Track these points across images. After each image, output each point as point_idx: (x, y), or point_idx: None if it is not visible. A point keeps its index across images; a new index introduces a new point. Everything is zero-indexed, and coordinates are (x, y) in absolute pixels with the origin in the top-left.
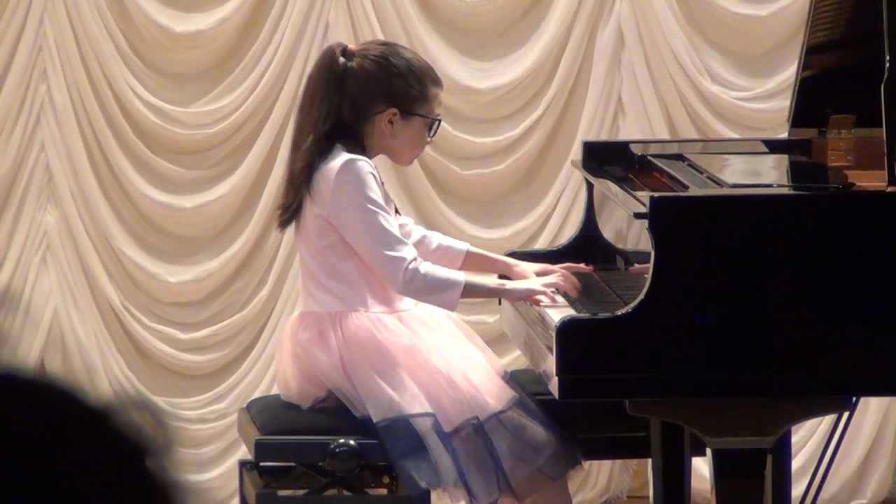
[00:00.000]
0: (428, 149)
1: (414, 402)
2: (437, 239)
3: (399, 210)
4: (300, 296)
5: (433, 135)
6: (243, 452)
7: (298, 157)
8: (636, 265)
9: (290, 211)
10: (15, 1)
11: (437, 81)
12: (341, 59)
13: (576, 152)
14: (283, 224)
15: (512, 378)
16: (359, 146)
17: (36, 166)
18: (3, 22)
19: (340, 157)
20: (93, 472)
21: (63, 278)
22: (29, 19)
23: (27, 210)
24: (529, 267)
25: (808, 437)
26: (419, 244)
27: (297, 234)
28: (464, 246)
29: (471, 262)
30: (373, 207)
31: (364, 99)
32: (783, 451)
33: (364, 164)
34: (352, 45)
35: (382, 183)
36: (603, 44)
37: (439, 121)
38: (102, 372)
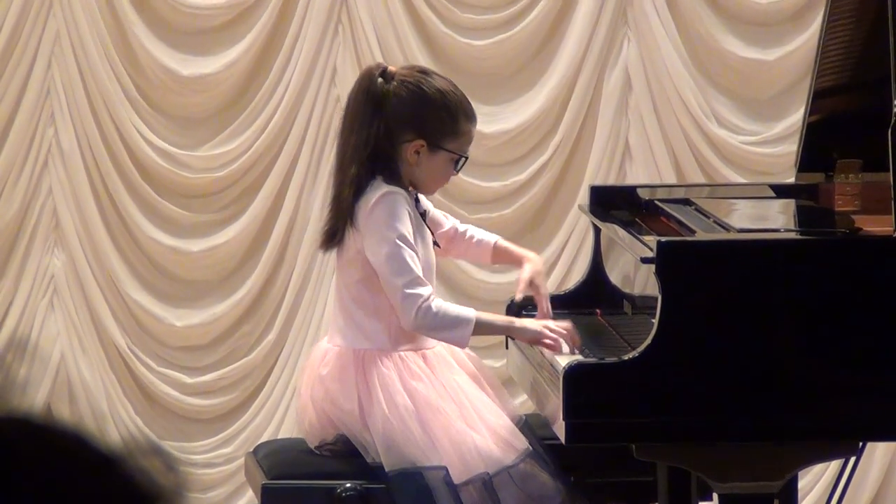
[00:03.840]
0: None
1: (427, 454)
2: (471, 231)
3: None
4: (329, 328)
5: (458, 170)
6: (250, 497)
7: (346, 185)
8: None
9: (333, 235)
10: (23, 44)
11: (470, 117)
12: (380, 81)
13: (583, 196)
14: (325, 247)
15: (526, 424)
16: (395, 174)
17: (43, 210)
18: (11, 65)
19: (379, 189)
20: None
21: (70, 322)
22: (37, 62)
23: (34, 254)
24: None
25: (814, 481)
26: (455, 237)
27: (338, 263)
28: (493, 238)
29: (498, 255)
30: (400, 242)
31: (397, 126)
32: (790, 496)
33: (400, 197)
34: (392, 67)
35: (421, 214)
36: (610, 88)
37: (466, 158)
38: (109, 416)
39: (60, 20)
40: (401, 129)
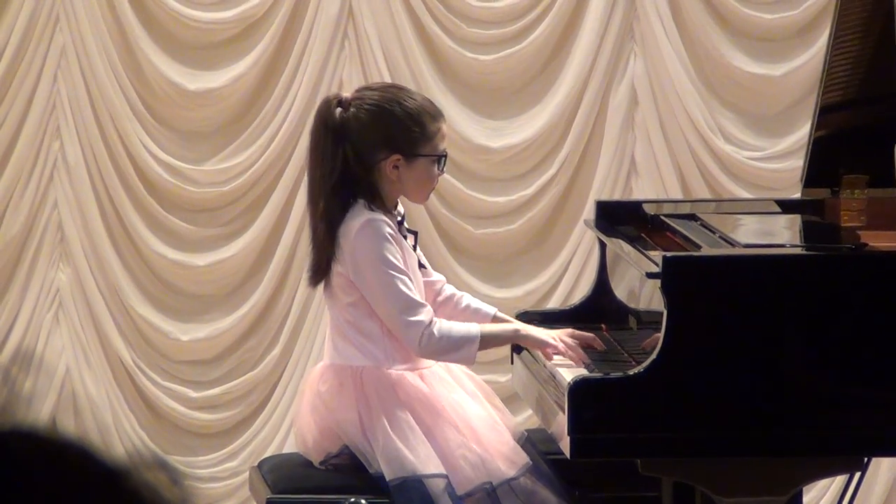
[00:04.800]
0: (440, 207)
1: (428, 463)
2: (466, 300)
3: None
4: (326, 347)
5: (442, 168)
6: None
7: (318, 220)
8: (647, 340)
9: (318, 271)
10: (29, 58)
11: (435, 116)
12: (337, 111)
13: (589, 212)
14: (312, 280)
15: (528, 440)
16: (377, 197)
17: (49, 224)
18: (17, 79)
19: (361, 217)
20: None
21: (75, 336)
22: (42, 77)
23: (40, 267)
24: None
25: (819, 496)
26: (448, 302)
27: (325, 290)
28: (491, 310)
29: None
30: (390, 270)
31: (365, 149)
32: None
33: (381, 224)
34: (346, 94)
35: (405, 236)
36: (616, 103)
37: (445, 156)
38: (114, 430)
39: (67, 34)
40: (372, 150)
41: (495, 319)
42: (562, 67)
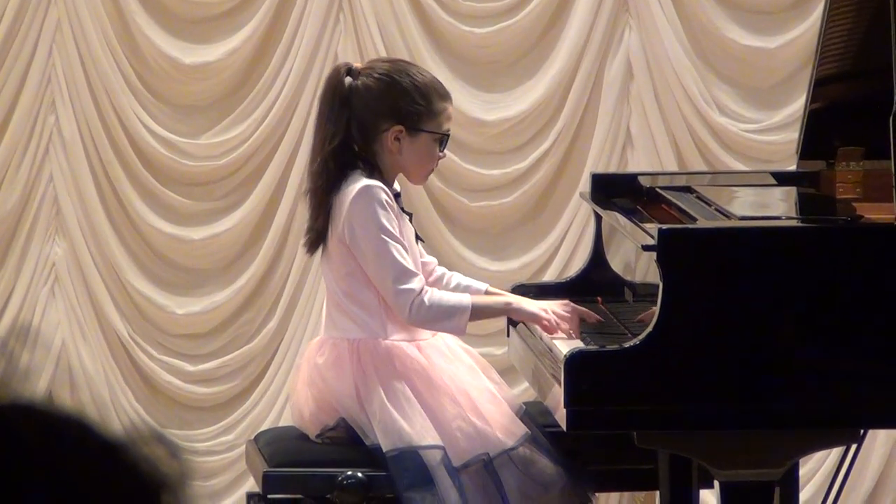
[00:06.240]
0: (436, 181)
1: (424, 434)
2: (456, 279)
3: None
4: (324, 321)
5: (443, 149)
6: (251, 484)
7: (315, 184)
8: (644, 313)
9: (315, 238)
10: (24, 32)
11: (443, 96)
12: (347, 79)
13: (584, 184)
14: (309, 247)
15: (526, 413)
16: (375, 169)
17: (44, 198)
18: (13, 53)
19: (358, 183)
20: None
21: (71, 310)
22: (38, 50)
23: (35, 241)
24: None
25: (815, 469)
26: (437, 283)
27: (322, 260)
28: (482, 287)
29: None
30: (385, 237)
31: (370, 118)
32: (791, 484)
33: (380, 190)
34: (357, 64)
35: (402, 209)
36: (612, 76)
37: (448, 135)
38: (111, 404)
39: (62, 8)
40: (376, 120)
41: (487, 294)
42: (557, 40)
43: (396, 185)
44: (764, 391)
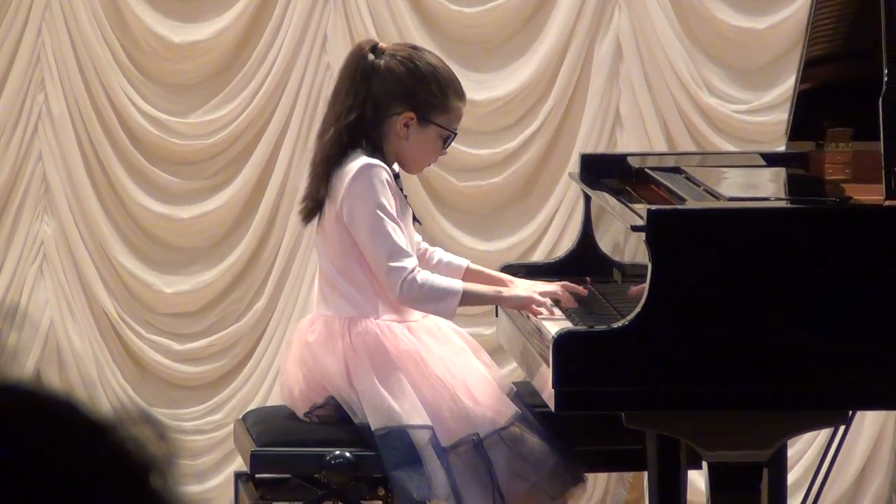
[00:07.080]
0: None
1: (413, 414)
2: (438, 255)
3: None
4: (315, 299)
5: (446, 148)
6: (239, 464)
7: (319, 149)
8: (633, 288)
9: (310, 201)
10: (13, 11)
11: (460, 95)
12: (370, 56)
13: (573, 165)
14: (305, 216)
15: (517, 395)
16: (378, 150)
17: (33, 176)
18: (2, 31)
19: (359, 160)
20: (97, 485)
21: (59, 289)
22: (27, 29)
23: (24, 220)
24: (527, 284)
25: (804, 450)
26: (421, 259)
27: (317, 235)
28: (463, 262)
29: (470, 278)
30: (382, 214)
31: (385, 98)
32: (779, 465)
33: (381, 170)
34: (383, 44)
35: (401, 189)
36: (601, 56)
37: (454, 134)
38: (99, 383)
39: None
40: (390, 102)
41: (468, 270)
42: (546, 20)
43: (396, 167)
44: (752, 372)
